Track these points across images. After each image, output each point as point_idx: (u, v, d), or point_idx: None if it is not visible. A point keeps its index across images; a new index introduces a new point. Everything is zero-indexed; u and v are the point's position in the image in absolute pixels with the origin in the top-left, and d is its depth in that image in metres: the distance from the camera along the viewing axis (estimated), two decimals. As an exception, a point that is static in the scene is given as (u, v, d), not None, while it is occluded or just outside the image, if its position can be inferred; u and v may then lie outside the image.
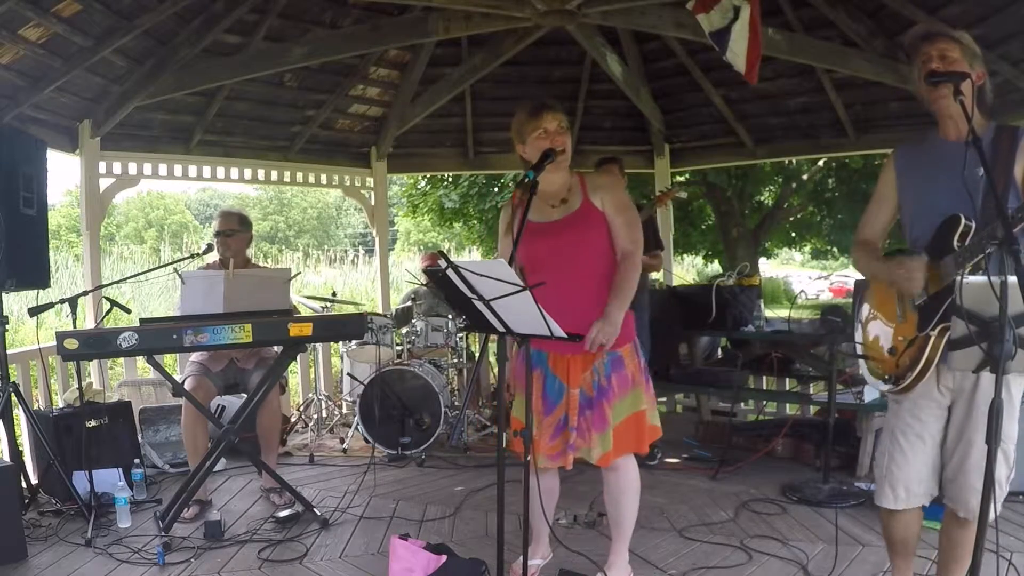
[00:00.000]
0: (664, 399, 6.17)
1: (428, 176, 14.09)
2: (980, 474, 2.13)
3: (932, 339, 2.17)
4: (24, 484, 3.84)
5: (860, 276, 2.67)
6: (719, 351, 6.08)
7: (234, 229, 4.14)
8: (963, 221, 2.11)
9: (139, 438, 4.51)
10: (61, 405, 4.36)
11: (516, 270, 2.20)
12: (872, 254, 2.42)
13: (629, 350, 2.75)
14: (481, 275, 2.17)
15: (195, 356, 4.08)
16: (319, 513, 3.70)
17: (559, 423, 2.73)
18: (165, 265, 4.67)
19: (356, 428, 5.13)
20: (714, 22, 4.27)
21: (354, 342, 5.17)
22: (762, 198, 15.29)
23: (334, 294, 5.87)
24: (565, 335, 2.20)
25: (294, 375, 6.65)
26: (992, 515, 1.92)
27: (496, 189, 13.97)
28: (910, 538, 2.43)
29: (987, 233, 2.01)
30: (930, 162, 2.29)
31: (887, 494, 2.35)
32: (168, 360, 5.53)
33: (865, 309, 2.49)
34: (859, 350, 2.48)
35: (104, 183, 5.29)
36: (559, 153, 2.64)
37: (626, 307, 2.69)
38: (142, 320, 3.65)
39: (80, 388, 4.06)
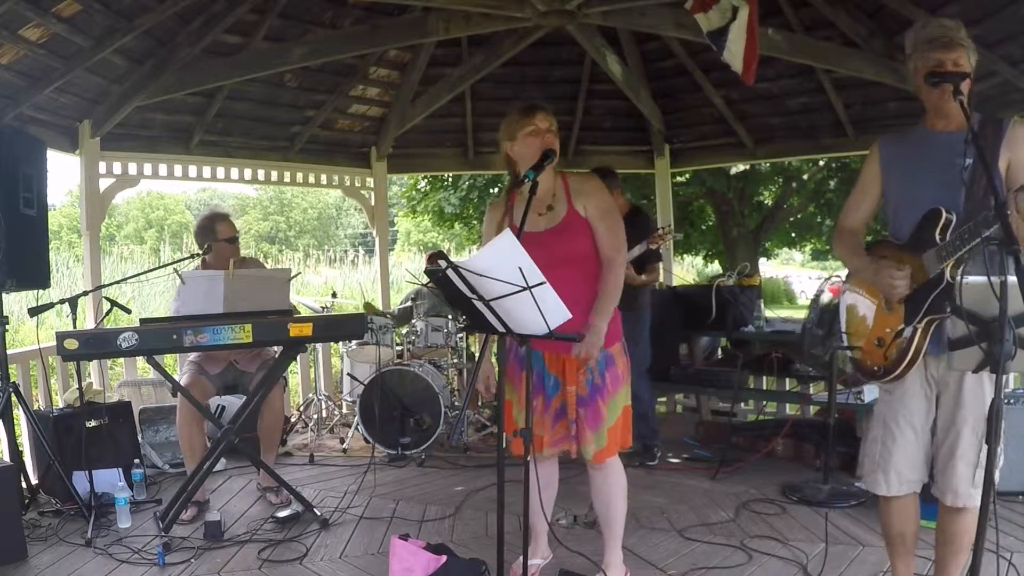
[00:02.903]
0: (664, 399, 6.17)
1: (428, 177, 14.08)
2: (966, 462, 2.21)
3: (919, 331, 2.21)
4: (24, 484, 3.84)
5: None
6: (719, 351, 6.08)
7: (237, 234, 4.13)
8: (944, 214, 2.16)
9: (139, 438, 4.51)
10: (61, 405, 4.36)
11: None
12: (855, 246, 2.46)
13: (619, 348, 2.81)
14: (482, 275, 2.17)
15: (192, 356, 4.08)
16: (319, 513, 3.70)
17: (557, 411, 2.77)
18: (165, 265, 4.67)
19: (356, 428, 5.13)
20: (712, 22, 4.27)
21: (354, 342, 5.17)
22: (762, 198, 15.27)
23: (334, 295, 5.87)
24: (568, 313, 2.22)
25: (294, 375, 6.64)
26: (979, 504, 1.93)
27: (496, 190, 13.96)
28: (907, 532, 2.44)
29: (968, 228, 2.04)
30: (915, 154, 2.33)
31: (880, 481, 2.39)
32: (168, 360, 5.53)
33: (849, 297, 2.52)
34: (844, 340, 2.51)
35: (104, 183, 5.29)
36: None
37: (610, 315, 2.71)
38: (142, 320, 3.65)
39: (80, 388, 4.06)
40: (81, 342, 3.21)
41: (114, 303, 3.92)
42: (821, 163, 12.80)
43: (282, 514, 3.67)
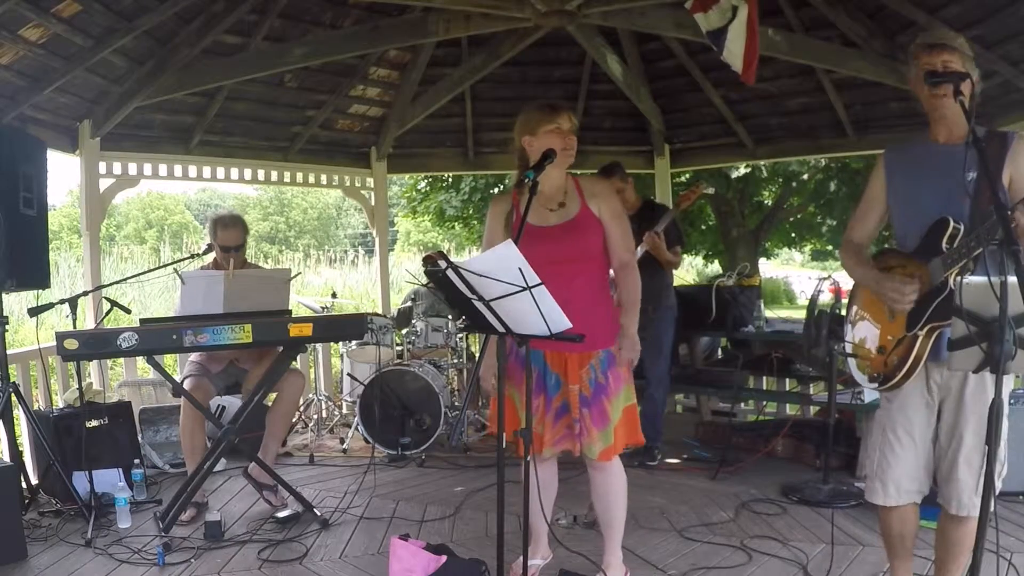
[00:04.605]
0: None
1: (428, 177, 14.06)
2: (969, 469, 2.20)
3: (920, 338, 2.21)
4: (24, 484, 3.84)
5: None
6: (719, 351, 6.08)
7: (241, 243, 4.05)
8: (952, 224, 2.15)
9: (139, 438, 4.51)
10: (61, 405, 4.36)
11: None
12: (861, 258, 2.46)
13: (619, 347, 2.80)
14: (482, 275, 2.17)
15: (194, 356, 4.07)
16: (319, 513, 3.70)
17: (559, 410, 2.77)
18: (165, 265, 4.68)
19: (356, 428, 5.13)
20: (712, 22, 4.27)
21: (354, 342, 5.17)
22: (762, 199, 15.27)
23: (334, 295, 5.88)
24: (568, 322, 2.21)
25: (294, 375, 6.64)
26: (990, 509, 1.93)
27: (496, 191, 13.94)
28: (907, 534, 2.44)
29: (974, 236, 2.05)
30: (919, 165, 2.33)
31: (877, 490, 2.39)
32: (168, 360, 5.53)
33: (854, 309, 2.52)
34: (848, 348, 2.51)
35: (104, 183, 5.29)
36: (563, 154, 2.68)
37: (637, 316, 2.79)
38: (142, 320, 3.65)
39: (80, 388, 4.05)
40: (81, 342, 3.21)
41: (114, 303, 3.92)
42: (822, 163, 12.78)
43: (282, 514, 3.67)
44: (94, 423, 4.09)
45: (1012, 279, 1.74)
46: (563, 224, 2.75)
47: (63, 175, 56.48)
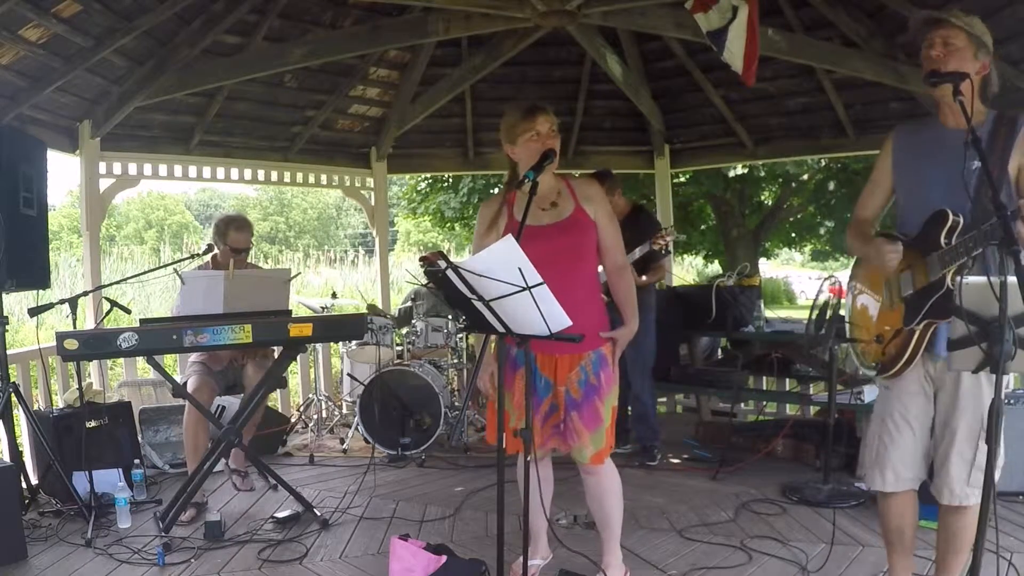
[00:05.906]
0: (664, 399, 6.17)
1: (428, 178, 14.06)
2: (961, 461, 2.23)
3: (917, 333, 2.24)
4: (24, 484, 3.84)
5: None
6: (719, 351, 6.08)
7: (251, 245, 4.13)
8: (951, 217, 2.16)
9: (139, 438, 4.51)
10: (61, 405, 4.36)
11: None
12: (865, 237, 2.47)
13: (610, 348, 2.80)
14: (482, 275, 2.17)
15: (195, 355, 4.08)
16: (319, 513, 3.70)
17: (547, 412, 2.77)
18: (165, 265, 4.68)
19: (356, 428, 5.13)
20: (712, 22, 4.27)
21: (354, 342, 5.17)
22: (762, 199, 15.29)
23: (334, 295, 5.88)
24: (568, 320, 2.20)
25: (294, 375, 6.64)
26: (979, 503, 1.95)
27: (496, 191, 13.90)
28: (905, 527, 2.45)
29: (973, 237, 2.04)
30: (927, 151, 2.32)
31: (876, 477, 2.41)
32: (168, 360, 5.53)
33: (855, 289, 2.54)
34: (848, 331, 2.55)
35: (104, 183, 5.29)
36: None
37: (637, 313, 2.83)
38: (142, 320, 3.65)
39: (80, 388, 4.06)
40: (81, 342, 3.21)
41: (114, 303, 3.93)
42: (823, 163, 12.78)
43: (282, 514, 3.67)
44: (94, 423, 4.09)
45: (1012, 279, 1.74)
46: (558, 223, 2.74)
47: (63, 175, 56.55)
